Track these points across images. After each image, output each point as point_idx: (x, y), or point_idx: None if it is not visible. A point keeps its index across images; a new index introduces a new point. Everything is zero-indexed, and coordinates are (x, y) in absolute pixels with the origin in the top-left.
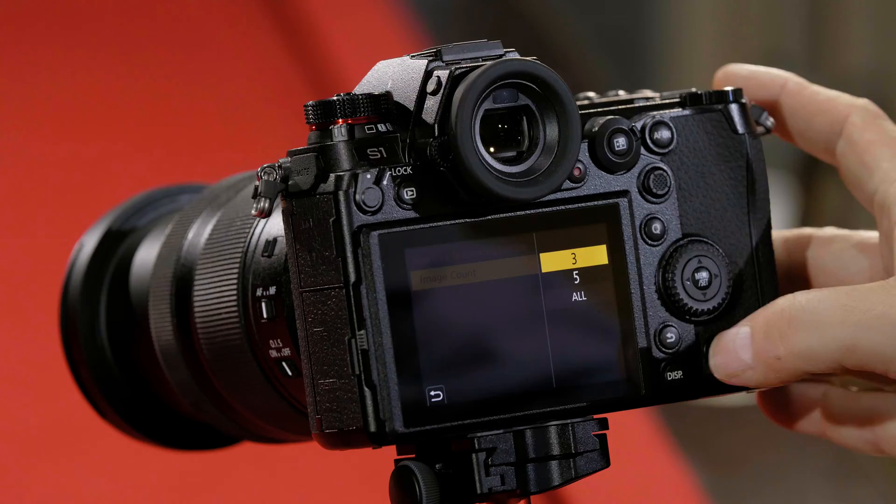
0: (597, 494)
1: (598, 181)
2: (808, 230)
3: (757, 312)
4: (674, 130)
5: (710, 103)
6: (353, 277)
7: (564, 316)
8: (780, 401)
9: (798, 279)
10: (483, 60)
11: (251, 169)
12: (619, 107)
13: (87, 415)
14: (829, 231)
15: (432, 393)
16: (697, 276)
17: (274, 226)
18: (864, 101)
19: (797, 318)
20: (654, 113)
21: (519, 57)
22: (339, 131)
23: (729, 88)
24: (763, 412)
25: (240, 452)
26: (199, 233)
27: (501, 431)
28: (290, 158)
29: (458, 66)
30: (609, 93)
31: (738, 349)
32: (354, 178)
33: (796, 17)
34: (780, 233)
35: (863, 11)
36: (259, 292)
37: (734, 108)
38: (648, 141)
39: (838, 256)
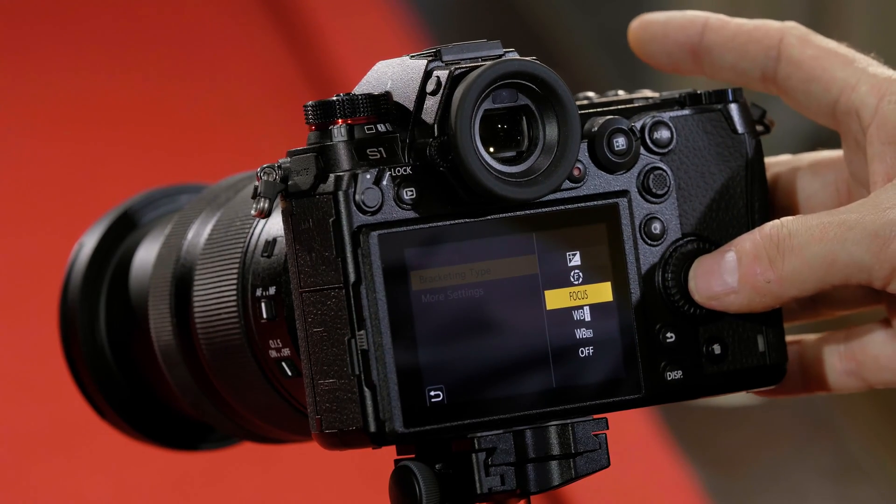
0: (597, 494)
1: (598, 181)
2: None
3: (741, 238)
4: (673, 130)
5: (709, 103)
6: (352, 277)
7: (564, 316)
8: None
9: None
10: (482, 60)
11: (251, 169)
12: (619, 107)
13: (86, 415)
14: (782, 157)
15: (432, 393)
16: None
17: (273, 226)
18: (791, 22)
19: (784, 242)
20: (654, 113)
21: (518, 57)
22: (339, 131)
23: (728, 88)
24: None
25: (240, 452)
26: (199, 233)
27: (501, 431)
28: (289, 158)
29: (457, 67)
30: (609, 93)
31: (723, 272)
32: (354, 178)
33: (796, 16)
34: None
35: (863, 9)
36: (259, 292)
37: (734, 107)
38: (648, 141)
39: (801, 177)
